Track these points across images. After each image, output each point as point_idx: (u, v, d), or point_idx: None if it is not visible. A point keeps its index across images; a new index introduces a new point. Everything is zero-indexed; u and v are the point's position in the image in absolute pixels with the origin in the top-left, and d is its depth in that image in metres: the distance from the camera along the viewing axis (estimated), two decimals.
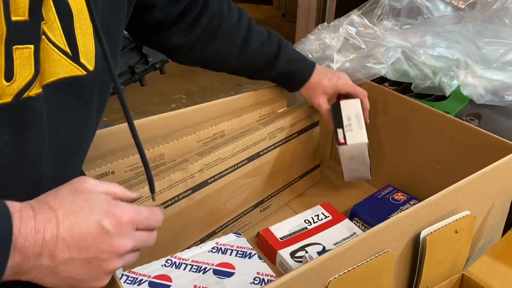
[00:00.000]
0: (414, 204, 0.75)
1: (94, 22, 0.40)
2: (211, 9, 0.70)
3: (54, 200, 0.37)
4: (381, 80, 0.90)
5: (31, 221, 0.35)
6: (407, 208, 0.74)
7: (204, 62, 0.76)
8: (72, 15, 0.41)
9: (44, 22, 0.38)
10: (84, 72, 0.43)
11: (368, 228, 0.73)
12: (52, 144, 0.42)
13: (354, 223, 0.77)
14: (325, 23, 0.93)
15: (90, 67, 0.43)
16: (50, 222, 0.35)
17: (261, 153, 0.76)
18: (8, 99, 0.37)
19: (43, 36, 0.39)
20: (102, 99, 0.49)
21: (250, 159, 0.74)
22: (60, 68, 0.41)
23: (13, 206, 0.35)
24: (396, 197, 0.81)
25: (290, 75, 0.79)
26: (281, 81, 0.82)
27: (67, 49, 0.41)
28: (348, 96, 0.80)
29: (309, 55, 0.88)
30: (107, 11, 0.46)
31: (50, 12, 0.39)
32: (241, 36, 0.73)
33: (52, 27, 0.39)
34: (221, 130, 0.74)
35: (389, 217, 0.72)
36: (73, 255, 0.36)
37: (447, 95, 0.82)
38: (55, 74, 0.41)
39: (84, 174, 0.44)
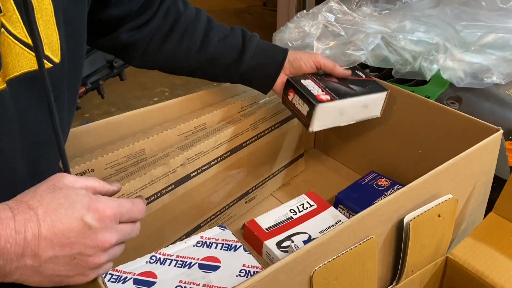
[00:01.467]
0: (398, 189, 0.75)
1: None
2: (165, 6, 0.65)
3: (32, 198, 0.36)
4: (362, 66, 0.90)
5: (10, 222, 0.34)
6: (391, 193, 0.75)
7: (163, 63, 0.69)
8: (32, 5, 0.39)
9: (2, 14, 0.37)
10: (50, 65, 0.41)
11: (353, 215, 0.73)
12: (24, 140, 0.41)
13: (339, 210, 0.77)
14: (304, 11, 0.92)
15: (56, 59, 0.42)
16: (31, 222, 0.35)
17: (244, 145, 0.75)
18: None
19: (2, 29, 0.37)
20: (72, 91, 0.47)
21: (233, 151, 0.73)
22: (24, 61, 0.39)
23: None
24: (379, 183, 0.81)
25: (262, 68, 0.70)
26: (252, 79, 0.72)
27: (30, 42, 0.39)
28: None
29: (289, 43, 0.87)
30: (69, 3, 0.44)
31: (8, 3, 0.37)
32: (201, 29, 0.67)
33: (11, 19, 0.38)
34: (202, 123, 0.73)
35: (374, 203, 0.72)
36: (56, 252, 0.35)
37: (427, 80, 0.83)
38: (19, 68, 0.39)
39: (62, 170, 0.43)
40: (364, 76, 0.78)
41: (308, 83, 0.71)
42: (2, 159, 0.39)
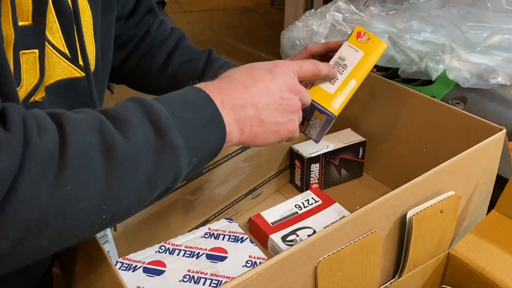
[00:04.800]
0: None
1: (77, 22, 0.40)
2: (140, 26, 0.65)
3: (226, 73, 0.44)
4: None
5: (220, 85, 0.41)
6: None
7: (128, 80, 0.70)
8: (71, 16, 0.41)
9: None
10: (83, 74, 0.43)
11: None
12: None
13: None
14: (313, 10, 0.94)
15: (91, 68, 0.44)
16: (234, 82, 0.41)
17: None
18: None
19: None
20: (101, 96, 0.49)
21: (243, 148, 0.75)
22: (59, 70, 0.41)
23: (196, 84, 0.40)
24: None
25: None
26: None
27: (66, 51, 0.41)
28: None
29: (297, 42, 0.88)
30: (104, 12, 0.46)
31: (49, 15, 0.39)
32: (166, 50, 0.67)
33: (52, 29, 0.39)
34: None
35: None
36: (266, 99, 0.42)
37: (433, 80, 0.84)
38: (54, 76, 0.41)
39: None
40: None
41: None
42: None
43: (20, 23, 0.35)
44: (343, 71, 0.58)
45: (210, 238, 0.60)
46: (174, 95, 0.38)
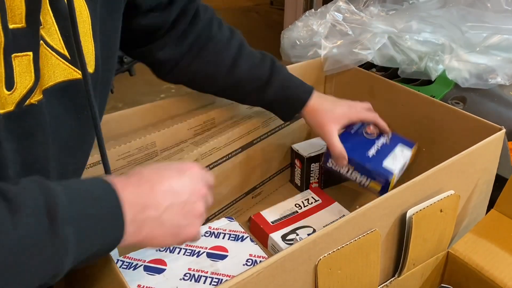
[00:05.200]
0: (389, 137, 0.75)
1: (74, 25, 0.40)
2: (199, 25, 0.66)
3: (139, 167, 0.43)
4: (369, 65, 0.91)
5: (127, 180, 0.40)
6: (383, 141, 0.74)
7: (190, 82, 0.71)
8: (76, 20, 0.40)
9: (41, 27, 0.38)
10: None
11: (347, 167, 0.71)
12: (56, 146, 0.43)
13: (331, 163, 0.73)
14: (313, 10, 0.94)
15: (90, 69, 0.43)
16: (142, 179, 0.40)
17: (254, 142, 0.77)
18: (11, 108, 0.37)
19: (41, 41, 0.39)
20: (103, 99, 0.49)
21: (244, 147, 0.75)
22: (59, 72, 0.41)
23: (106, 177, 0.39)
24: (368, 131, 0.75)
25: (284, 102, 0.71)
26: (274, 109, 0.73)
27: (66, 53, 0.41)
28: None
29: (297, 41, 0.89)
30: (106, 12, 0.45)
31: (47, 16, 0.39)
32: (230, 56, 0.68)
33: (50, 31, 0.39)
34: (211, 118, 0.75)
35: (367, 154, 0.71)
36: (170, 201, 0.41)
37: (433, 80, 0.84)
38: (54, 78, 0.40)
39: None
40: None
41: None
42: (38, 164, 0.41)
43: (11, 26, 0.35)
44: None
45: (211, 236, 0.60)
46: (82, 186, 0.37)
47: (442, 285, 0.60)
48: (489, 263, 0.58)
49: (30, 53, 0.37)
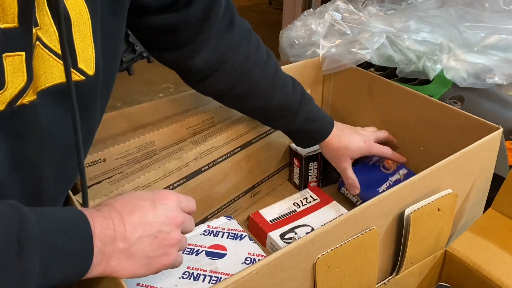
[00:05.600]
0: (404, 173, 0.77)
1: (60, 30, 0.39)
2: (234, 36, 0.63)
3: (109, 200, 0.43)
4: (367, 65, 0.91)
5: (97, 212, 0.40)
6: (397, 177, 0.76)
7: (219, 97, 0.70)
8: (70, 19, 0.40)
9: (38, 28, 0.38)
10: (82, 77, 0.42)
11: (357, 198, 0.75)
12: (51, 148, 0.42)
13: (343, 191, 0.80)
14: (311, 9, 0.94)
15: (90, 72, 0.43)
16: (112, 211, 0.40)
17: (253, 141, 0.77)
18: (1, 107, 0.36)
19: (38, 42, 0.38)
20: (104, 100, 0.49)
21: (242, 147, 0.75)
22: (57, 73, 0.40)
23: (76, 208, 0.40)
24: (386, 165, 0.80)
25: (306, 133, 0.73)
26: (293, 137, 0.75)
27: None
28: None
29: (296, 41, 0.89)
30: (108, 14, 0.45)
31: (45, 18, 0.38)
32: (267, 82, 0.67)
33: (48, 32, 0.39)
34: (210, 117, 0.75)
35: (378, 189, 0.72)
36: (141, 233, 0.41)
37: (431, 79, 0.84)
38: (51, 79, 0.40)
39: (84, 172, 0.45)
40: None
41: None
42: (30, 166, 0.41)
43: (3, 26, 0.35)
44: None
45: (210, 235, 0.60)
46: (56, 215, 0.37)
47: (440, 283, 0.60)
48: (486, 262, 0.58)
49: (23, 53, 0.37)
